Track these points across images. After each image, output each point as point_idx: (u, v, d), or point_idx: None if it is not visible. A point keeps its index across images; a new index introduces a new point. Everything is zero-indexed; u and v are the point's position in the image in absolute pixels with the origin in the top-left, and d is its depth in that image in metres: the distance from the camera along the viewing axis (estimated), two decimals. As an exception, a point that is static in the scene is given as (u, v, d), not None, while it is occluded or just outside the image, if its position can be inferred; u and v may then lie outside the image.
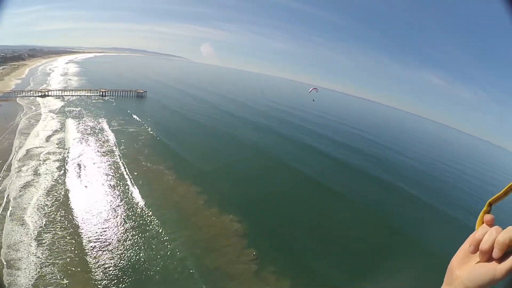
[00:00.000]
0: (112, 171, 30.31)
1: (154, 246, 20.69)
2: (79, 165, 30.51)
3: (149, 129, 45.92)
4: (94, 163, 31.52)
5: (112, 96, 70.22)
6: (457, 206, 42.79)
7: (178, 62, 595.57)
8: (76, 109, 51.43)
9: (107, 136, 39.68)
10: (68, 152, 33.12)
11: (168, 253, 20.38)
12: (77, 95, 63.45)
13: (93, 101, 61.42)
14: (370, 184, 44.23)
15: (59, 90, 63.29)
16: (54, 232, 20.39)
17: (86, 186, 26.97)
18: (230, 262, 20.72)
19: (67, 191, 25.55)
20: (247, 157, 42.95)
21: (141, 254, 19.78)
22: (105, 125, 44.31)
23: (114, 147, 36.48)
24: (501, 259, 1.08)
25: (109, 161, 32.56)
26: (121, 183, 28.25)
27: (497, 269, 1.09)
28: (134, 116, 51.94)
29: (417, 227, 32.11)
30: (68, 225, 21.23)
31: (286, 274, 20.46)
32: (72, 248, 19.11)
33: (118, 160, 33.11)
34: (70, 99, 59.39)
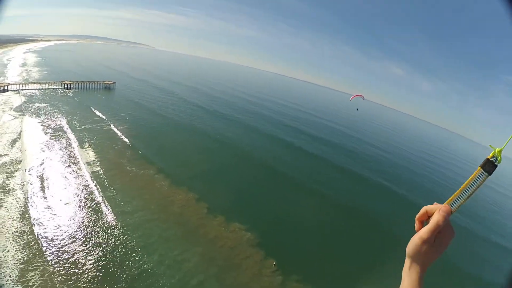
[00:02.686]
0: (89, 181, 25.86)
1: (162, 273, 17.52)
2: (43, 178, 25.14)
3: (125, 127, 41.68)
4: (64, 175, 26.30)
5: (78, 88, 63.30)
6: (413, 190, 46.68)
7: (142, 49, 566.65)
8: (40, 105, 45.53)
9: (80, 138, 34.69)
10: (29, 162, 27.31)
11: (182, 279, 17.49)
12: (40, 89, 56.29)
13: (58, 95, 54.94)
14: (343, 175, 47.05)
15: (19, 83, 56.13)
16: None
17: (52, 208, 21.68)
18: (254, 277, 19.11)
19: (29, 217, 20.49)
20: (228, 154, 41.45)
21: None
22: (75, 124, 39.08)
23: (89, 151, 31.85)
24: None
25: (84, 168, 27.82)
26: (103, 198, 23.91)
27: (420, 231, 1.51)
28: (105, 112, 47.04)
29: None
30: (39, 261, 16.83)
31: (310, 281, 19.86)
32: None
33: (97, 167, 28.72)
34: (33, 94, 52.30)
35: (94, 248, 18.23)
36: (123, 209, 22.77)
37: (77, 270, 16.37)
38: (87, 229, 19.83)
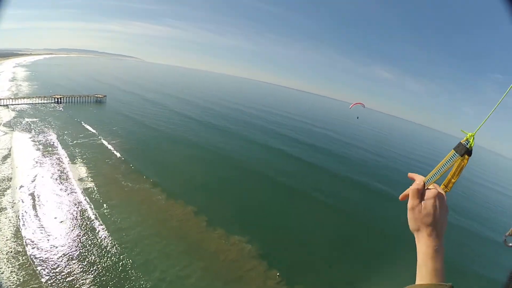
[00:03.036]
0: (82, 198, 24.98)
1: None
2: (34, 196, 24.17)
3: (118, 142, 40.85)
4: (57, 192, 25.33)
5: (69, 102, 62.58)
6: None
7: (131, 62, 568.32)
8: (30, 120, 44.24)
9: (73, 154, 33.72)
10: (20, 179, 26.12)
11: None
12: (30, 103, 55.05)
13: (48, 109, 53.86)
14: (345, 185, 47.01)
15: (8, 98, 55.79)
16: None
17: (46, 227, 20.78)
18: None
19: (22, 237, 19.58)
20: (223, 166, 40.86)
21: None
22: (67, 139, 38.07)
23: (83, 166, 30.93)
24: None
25: (77, 185, 26.92)
26: (99, 214, 23.10)
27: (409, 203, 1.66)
28: (97, 127, 46.12)
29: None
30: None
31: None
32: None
33: (91, 182, 27.82)
34: (22, 108, 50.92)
35: (92, 267, 17.46)
36: (120, 226, 22.02)
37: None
38: (83, 248, 19.02)
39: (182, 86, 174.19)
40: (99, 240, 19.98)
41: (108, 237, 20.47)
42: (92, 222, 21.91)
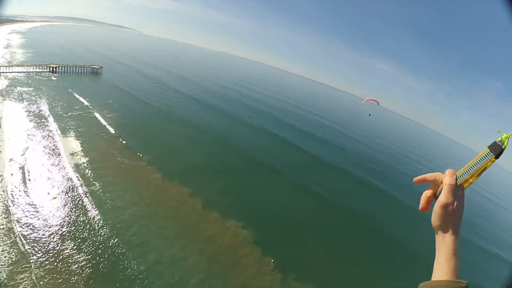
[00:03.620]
0: (76, 173, 23.84)
1: (160, 273, 16.56)
2: (25, 171, 23.01)
3: (113, 116, 39.33)
4: (49, 167, 24.11)
5: (64, 72, 60.15)
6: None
7: (129, 34, 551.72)
8: (23, 89, 42.19)
9: (67, 126, 32.36)
10: (10, 152, 24.79)
11: (182, 278, 16.57)
12: (24, 72, 52.45)
13: (43, 78, 51.50)
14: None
15: (2, 66, 53.88)
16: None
17: (37, 204, 19.85)
18: (255, 275, 18.67)
19: (13, 214, 18.76)
20: (218, 148, 40.09)
21: None
22: (60, 111, 36.31)
23: (78, 140, 29.47)
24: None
25: (71, 159, 25.62)
26: (94, 191, 22.23)
27: (438, 200, 1.53)
28: (92, 99, 44.32)
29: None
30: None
31: (307, 279, 19.62)
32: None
33: (87, 157, 26.48)
34: (16, 77, 48.51)
35: (84, 247, 16.97)
36: (115, 204, 21.41)
37: (68, 272, 15.17)
38: (75, 227, 18.40)
39: (179, 62, 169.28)
40: (92, 219, 19.37)
41: (102, 215, 19.86)
42: (85, 199, 21.15)
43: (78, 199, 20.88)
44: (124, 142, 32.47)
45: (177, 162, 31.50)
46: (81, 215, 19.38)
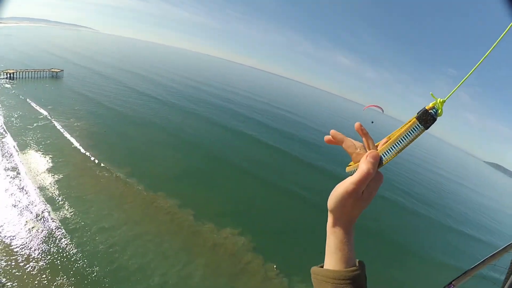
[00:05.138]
0: (51, 193, 21.23)
1: None
2: None
3: (81, 124, 36.00)
4: (12, 191, 21.03)
5: (23, 78, 53.47)
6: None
7: (86, 33, 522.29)
8: None
9: (33, 139, 28.88)
10: None
11: None
12: None
13: (0, 85, 45.69)
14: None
15: None
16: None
17: (16, 230, 17.44)
18: (264, 281, 18.44)
19: None
20: (194, 152, 38.18)
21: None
22: (20, 123, 32.20)
23: (44, 154, 26.20)
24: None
25: (44, 177, 22.66)
26: (74, 212, 19.94)
27: (346, 182, 1.19)
28: (56, 107, 40.15)
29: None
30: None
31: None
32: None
33: (57, 175, 23.54)
34: None
35: (80, 277, 15.22)
36: (102, 225, 19.51)
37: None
38: (62, 259, 16.35)
39: (140, 61, 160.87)
40: (79, 247, 17.33)
41: (91, 241, 17.92)
42: (67, 224, 18.87)
43: (59, 225, 18.53)
44: (98, 153, 29.71)
45: (156, 171, 29.59)
46: (66, 244, 17.20)
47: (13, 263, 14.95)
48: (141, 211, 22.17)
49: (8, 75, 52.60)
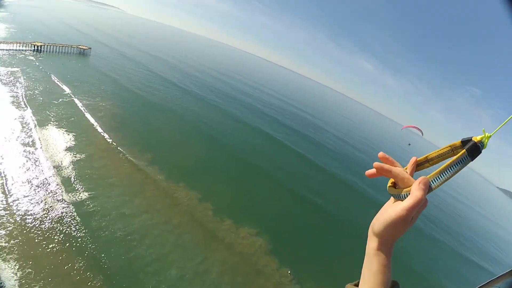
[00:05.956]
0: (75, 170, 21.10)
1: None
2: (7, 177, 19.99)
3: (108, 105, 36.31)
4: (39, 163, 21.10)
5: (50, 52, 54.85)
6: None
7: (113, 12, 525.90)
8: (5, 69, 37.09)
9: (58, 115, 28.68)
10: None
11: None
12: (6, 49, 47.21)
13: (27, 58, 46.40)
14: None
15: None
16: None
17: (27, 210, 17.47)
18: (277, 286, 18.07)
19: None
20: (216, 147, 38.00)
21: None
22: (49, 98, 32.18)
23: (68, 132, 25.98)
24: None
25: (66, 156, 22.54)
26: (94, 195, 19.89)
27: (398, 208, 1.20)
28: (84, 84, 40.63)
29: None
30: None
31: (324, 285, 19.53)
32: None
33: (78, 154, 23.42)
34: None
35: (94, 266, 15.01)
36: (123, 211, 19.41)
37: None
38: (81, 242, 16.33)
39: (164, 46, 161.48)
40: (98, 231, 17.27)
41: (110, 226, 17.86)
42: (88, 205, 18.87)
43: (79, 206, 18.54)
44: (122, 136, 29.76)
45: (177, 161, 29.43)
46: (86, 227, 17.16)
47: (28, 242, 14.90)
48: (162, 200, 22.00)
49: (36, 48, 53.35)
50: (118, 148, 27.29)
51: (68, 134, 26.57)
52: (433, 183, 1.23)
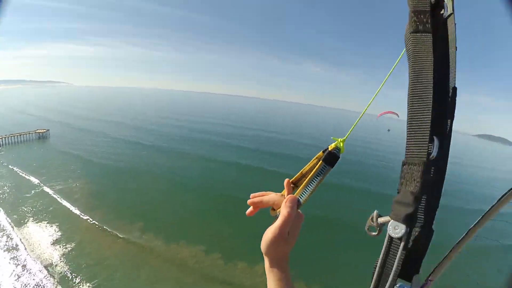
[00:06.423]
0: (68, 263, 19.68)
1: None
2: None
3: (81, 183, 34.70)
4: (25, 263, 19.40)
5: (8, 144, 51.33)
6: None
7: (61, 88, 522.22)
8: None
9: (33, 211, 26.35)
10: None
11: None
12: None
13: None
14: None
15: None
16: None
17: None
18: None
19: None
20: (197, 194, 36.87)
21: None
22: (17, 195, 29.88)
23: (50, 224, 24.36)
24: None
25: (53, 248, 21.03)
26: (99, 280, 18.77)
27: (272, 228, 1.36)
28: (50, 170, 38.62)
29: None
30: None
31: None
32: None
33: (66, 245, 22.07)
34: None
35: None
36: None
37: None
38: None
39: (118, 109, 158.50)
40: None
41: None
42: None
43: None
44: (106, 212, 28.53)
45: (169, 220, 28.63)
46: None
47: None
48: (169, 265, 21.16)
49: (-6, 143, 50.89)
50: (105, 226, 25.97)
51: (51, 226, 24.95)
52: (301, 198, 1.37)
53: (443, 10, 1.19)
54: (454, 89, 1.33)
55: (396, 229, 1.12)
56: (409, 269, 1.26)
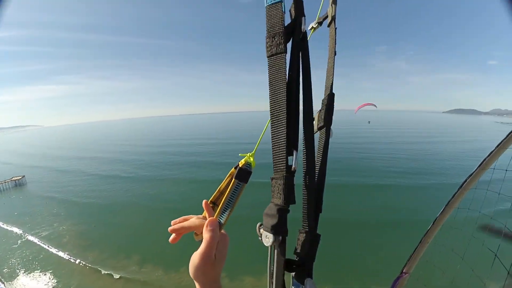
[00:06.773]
0: None
1: None
2: None
3: (69, 225, 33.83)
4: None
5: None
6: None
7: (31, 132, 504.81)
8: None
9: (22, 264, 24.93)
10: None
11: None
12: None
13: None
14: None
15: None
16: None
17: None
18: None
19: None
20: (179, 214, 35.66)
21: None
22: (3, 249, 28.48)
23: (43, 272, 23.35)
24: None
25: None
26: None
27: (197, 253, 1.36)
28: (35, 217, 37.02)
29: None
30: None
31: None
32: None
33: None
34: None
35: None
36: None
37: None
38: None
39: (92, 144, 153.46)
40: None
41: None
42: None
43: None
44: (100, 251, 27.86)
45: (164, 249, 27.75)
46: None
47: None
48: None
49: (-32, 200, 48.62)
50: (102, 265, 25.41)
51: (45, 274, 23.99)
52: (221, 219, 1.39)
53: (302, 25, 1.21)
54: (331, 95, 1.43)
55: (267, 238, 1.26)
56: (300, 274, 1.41)
